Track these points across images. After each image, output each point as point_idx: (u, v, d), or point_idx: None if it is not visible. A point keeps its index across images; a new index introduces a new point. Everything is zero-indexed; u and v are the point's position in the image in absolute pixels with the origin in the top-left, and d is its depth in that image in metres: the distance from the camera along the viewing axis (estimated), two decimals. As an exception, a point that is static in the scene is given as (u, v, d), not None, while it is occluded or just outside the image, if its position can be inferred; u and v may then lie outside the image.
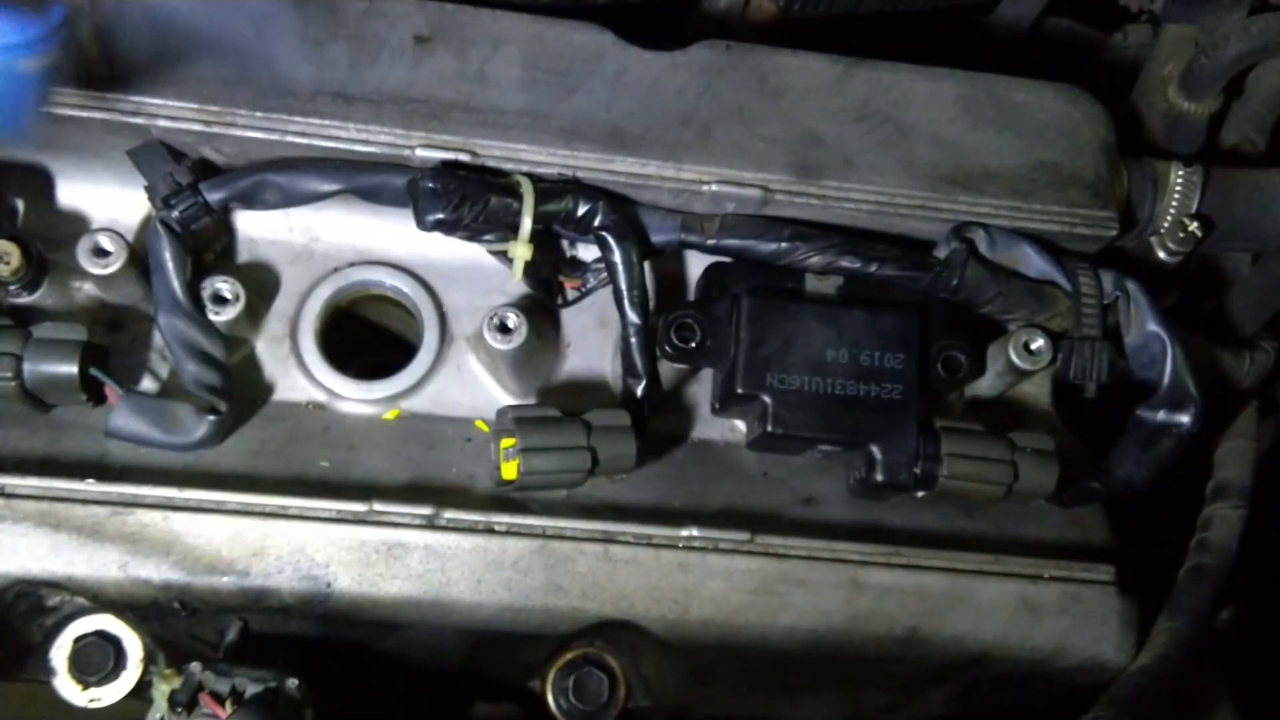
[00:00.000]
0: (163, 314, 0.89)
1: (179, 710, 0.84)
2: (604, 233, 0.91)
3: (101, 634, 0.87)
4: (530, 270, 0.93)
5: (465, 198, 0.88)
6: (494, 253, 0.94)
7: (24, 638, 0.91)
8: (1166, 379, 0.95)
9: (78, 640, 0.87)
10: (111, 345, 0.92)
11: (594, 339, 1.00)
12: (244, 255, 0.97)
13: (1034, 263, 0.97)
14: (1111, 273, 0.98)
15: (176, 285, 0.89)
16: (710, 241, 0.95)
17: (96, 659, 0.86)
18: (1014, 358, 0.97)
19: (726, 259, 0.96)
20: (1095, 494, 0.98)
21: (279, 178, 0.90)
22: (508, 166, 0.92)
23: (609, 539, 0.91)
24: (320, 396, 0.96)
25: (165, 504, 0.88)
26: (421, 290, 0.98)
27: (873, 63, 0.99)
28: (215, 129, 0.89)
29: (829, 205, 0.95)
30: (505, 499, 0.92)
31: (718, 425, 0.99)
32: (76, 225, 0.94)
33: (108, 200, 0.95)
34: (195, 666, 0.85)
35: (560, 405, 0.90)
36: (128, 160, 0.90)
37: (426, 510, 0.89)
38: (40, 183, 0.95)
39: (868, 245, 0.95)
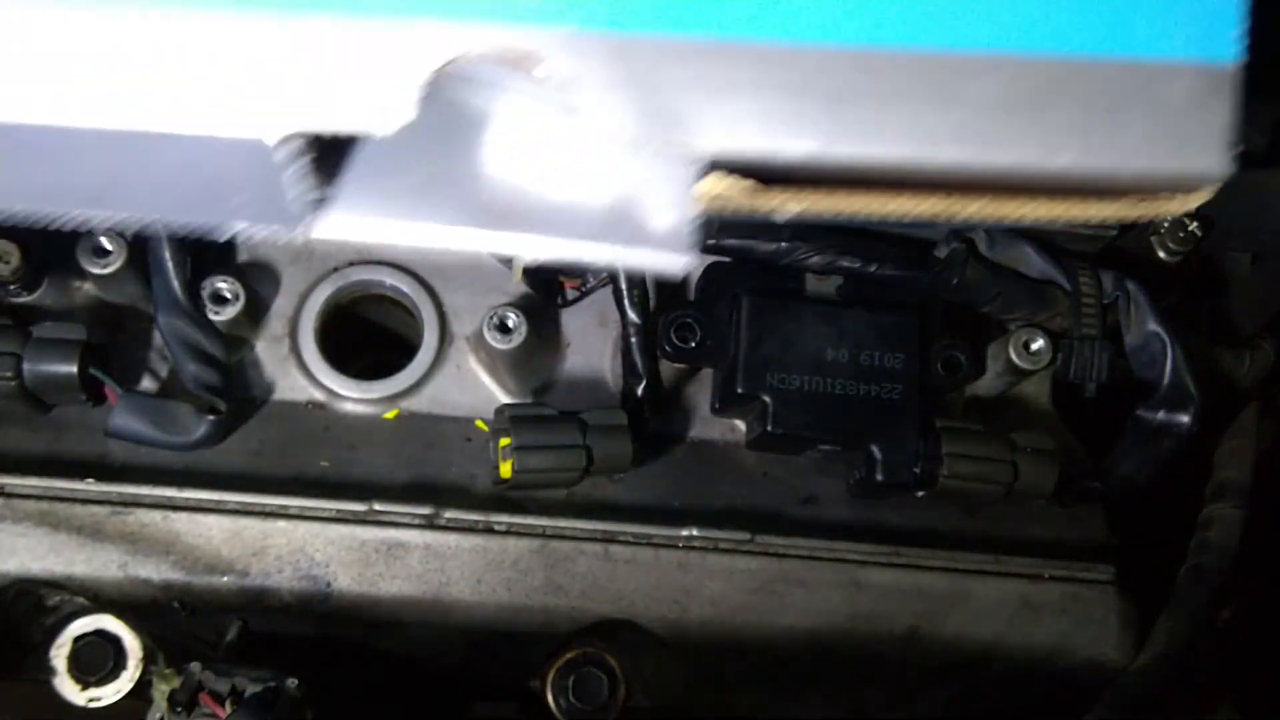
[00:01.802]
0: (163, 314, 0.89)
1: (179, 710, 0.84)
2: (604, 232, 0.91)
3: (101, 634, 0.87)
4: (530, 270, 0.93)
5: (465, 197, 0.88)
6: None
7: (24, 638, 0.91)
8: (1166, 379, 0.95)
9: (77, 640, 0.87)
10: (111, 345, 0.92)
11: (594, 339, 1.00)
12: (244, 255, 0.97)
13: (1034, 263, 0.97)
14: (1111, 273, 0.98)
15: (176, 285, 0.89)
16: (710, 241, 0.95)
17: (96, 659, 0.86)
18: (1014, 358, 0.97)
19: (726, 259, 0.96)
20: (1095, 494, 0.98)
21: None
22: (508, 166, 0.92)
23: (609, 539, 0.91)
24: (320, 396, 0.96)
25: (165, 504, 0.88)
26: (421, 290, 0.98)
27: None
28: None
29: (829, 205, 0.95)
30: (505, 498, 0.92)
31: (718, 425, 0.99)
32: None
33: (108, 200, 0.95)
34: (195, 666, 0.85)
35: (560, 405, 0.90)
36: (128, 160, 0.90)
37: (426, 510, 0.89)
38: (40, 183, 0.95)
39: (868, 245, 0.95)
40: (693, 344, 0.94)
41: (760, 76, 0.54)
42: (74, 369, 0.86)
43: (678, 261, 0.57)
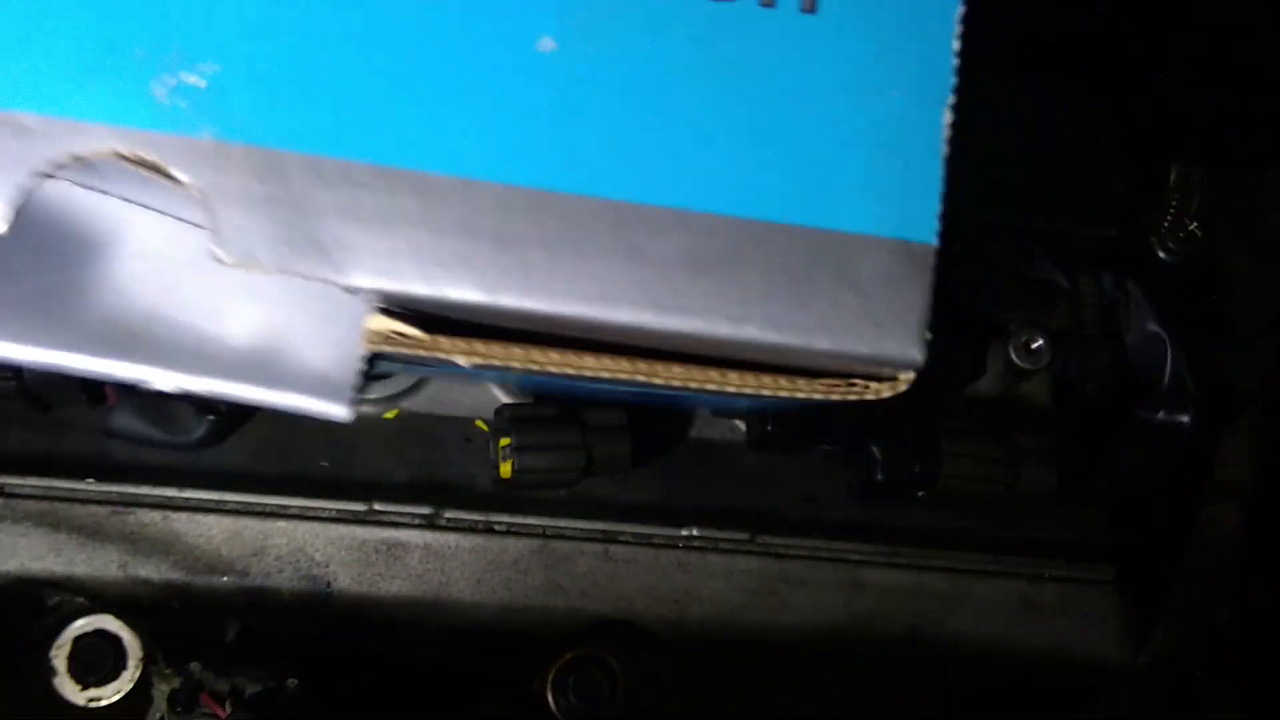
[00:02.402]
0: (162, 314, 0.89)
1: (179, 710, 0.84)
2: (604, 233, 0.91)
3: (101, 634, 0.87)
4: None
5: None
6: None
7: (24, 638, 0.91)
8: (1166, 379, 0.95)
9: (78, 640, 0.87)
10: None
11: (594, 339, 1.00)
12: (244, 255, 0.97)
13: (1034, 263, 0.97)
14: (1111, 273, 0.98)
15: (176, 285, 0.89)
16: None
17: (96, 659, 0.86)
18: (1014, 358, 0.97)
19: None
20: (1095, 494, 0.98)
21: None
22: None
23: (609, 539, 0.91)
24: (320, 396, 0.96)
25: (165, 504, 0.88)
26: (421, 290, 0.98)
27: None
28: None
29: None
30: (505, 498, 0.92)
31: (718, 425, 0.99)
32: (76, 225, 0.94)
33: (108, 200, 0.95)
34: (195, 666, 0.85)
35: (560, 405, 0.90)
36: (128, 160, 0.89)
37: (426, 510, 0.89)
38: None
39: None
40: (693, 344, 0.94)
41: (421, 210, 0.49)
42: (74, 369, 0.86)
43: (337, 408, 0.52)
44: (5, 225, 0.46)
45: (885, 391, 0.56)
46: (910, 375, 0.56)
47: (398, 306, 0.51)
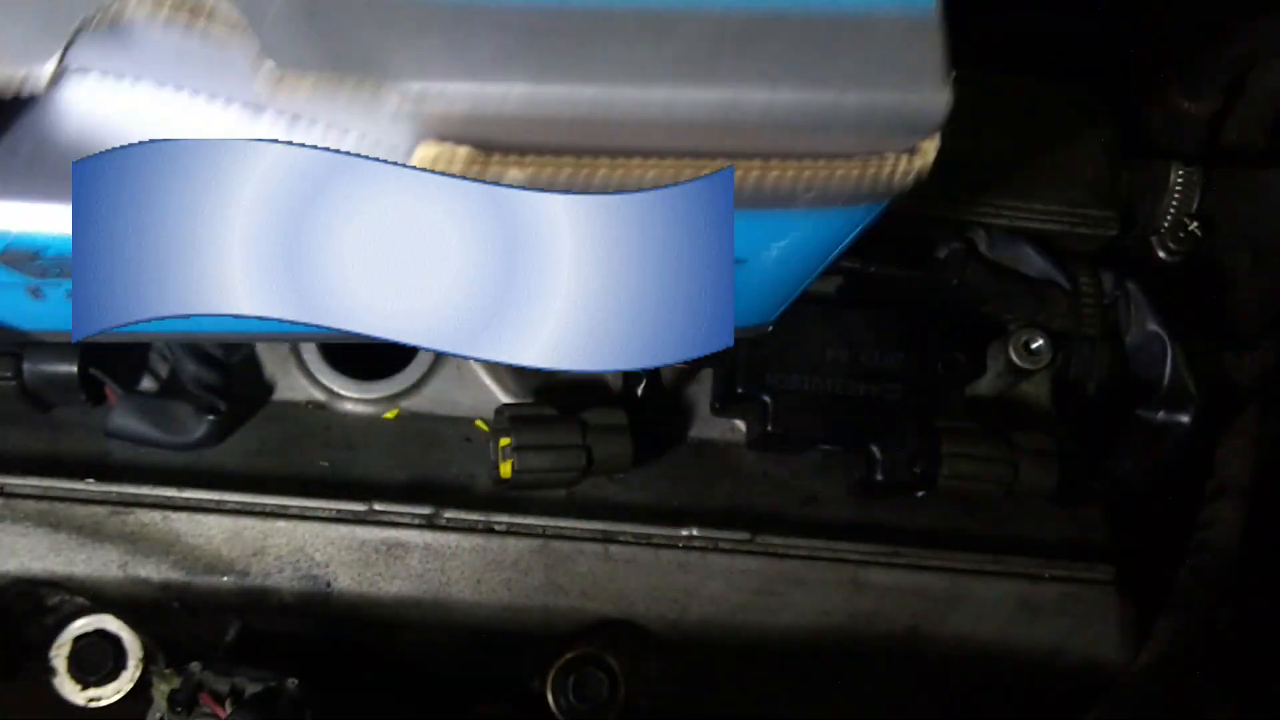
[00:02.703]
0: (163, 314, 0.89)
1: (179, 710, 0.84)
2: (604, 232, 0.91)
3: (101, 634, 0.87)
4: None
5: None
6: (494, 253, 0.93)
7: (24, 638, 0.91)
8: (1166, 379, 0.95)
9: (77, 640, 0.87)
10: (111, 345, 0.92)
11: (594, 339, 1.00)
12: (244, 255, 0.97)
13: (1034, 263, 0.97)
14: (1111, 273, 0.98)
15: (176, 285, 0.89)
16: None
17: (96, 659, 0.86)
18: (1014, 358, 0.97)
19: (726, 259, 0.96)
20: (1095, 494, 0.98)
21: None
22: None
23: (609, 539, 0.91)
24: (320, 396, 0.96)
25: (165, 504, 0.88)
26: (421, 290, 0.98)
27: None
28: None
29: (829, 205, 0.95)
30: (505, 498, 0.92)
31: (718, 425, 0.99)
32: (77, 225, 0.94)
33: (108, 200, 0.95)
34: (195, 666, 0.85)
35: (560, 405, 0.90)
36: (128, 160, 0.89)
37: (426, 510, 0.89)
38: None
39: (866, 244, 0.95)
40: (693, 344, 0.94)
41: (456, 13, 0.52)
42: (74, 369, 0.86)
43: None
44: (45, 82, 0.48)
45: (906, 165, 0.58)
46: (935, 139, 0.58)
47: (448, 130, 0.54)
